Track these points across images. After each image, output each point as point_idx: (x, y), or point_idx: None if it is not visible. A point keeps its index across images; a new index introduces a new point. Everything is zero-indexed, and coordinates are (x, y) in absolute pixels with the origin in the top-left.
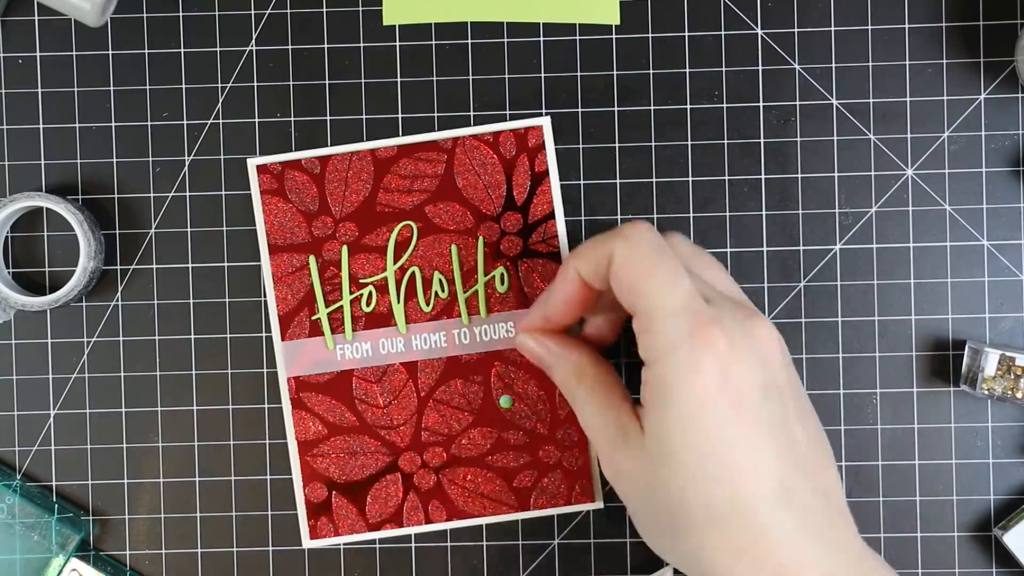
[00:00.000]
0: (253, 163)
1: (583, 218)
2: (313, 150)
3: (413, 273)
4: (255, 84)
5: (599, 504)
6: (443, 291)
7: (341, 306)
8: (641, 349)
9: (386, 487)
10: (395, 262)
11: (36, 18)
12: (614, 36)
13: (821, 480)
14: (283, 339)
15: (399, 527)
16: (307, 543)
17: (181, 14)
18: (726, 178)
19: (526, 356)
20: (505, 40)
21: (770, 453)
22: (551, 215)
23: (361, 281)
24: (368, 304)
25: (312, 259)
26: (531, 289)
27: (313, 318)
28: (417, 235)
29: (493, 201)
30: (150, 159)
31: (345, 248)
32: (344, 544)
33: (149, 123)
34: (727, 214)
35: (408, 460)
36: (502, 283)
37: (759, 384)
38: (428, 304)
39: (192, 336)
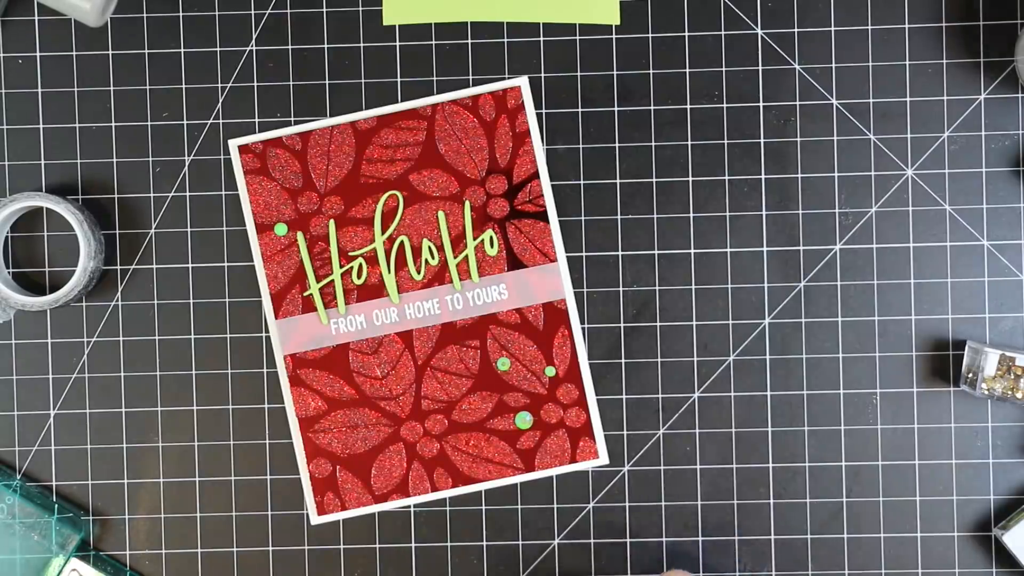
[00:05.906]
0: (235, 143)
1: (583, 218)
2: (294, 127)
3: (402, 242)
4: (255, 84)
5: (603, 460)
6: (433, 258)
7: (332, 280)
8: None
9: (390, 458)
10: (383, 232)
11: (36, 18)
12: (614, 36)
13: None
14: (276, 317)
15: (405, 496)
16: (315, 519)
17: (181, 14)
18: (726, 178)
19: None
20: (505, 40)
21: None
22: (535, 175)
23: (350, 254)
24: (359, 276)
25: (300, 235)
26: (520, 248)
27: (305, 294)
28: (403, 204)
29: (476, 164)
30: (150, 159)
31: (332, 222)
32: (350, 517)
33: (149, 123)
34: (727, 214)
35: (410, 429)
36: (491, 246)
37: None
38: (419, 272)
39: (192, 336)
